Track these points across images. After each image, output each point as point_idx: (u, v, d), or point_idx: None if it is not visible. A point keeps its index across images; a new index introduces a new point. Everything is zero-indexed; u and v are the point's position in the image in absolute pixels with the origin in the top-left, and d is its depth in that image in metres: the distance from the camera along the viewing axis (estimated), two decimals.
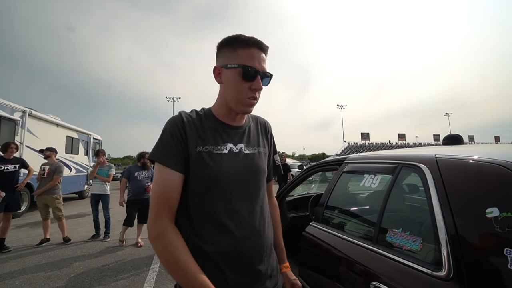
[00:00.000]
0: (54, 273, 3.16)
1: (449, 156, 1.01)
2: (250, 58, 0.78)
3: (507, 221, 0.71)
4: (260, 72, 0.79)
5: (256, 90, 0.79)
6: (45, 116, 8.15)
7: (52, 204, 4.37)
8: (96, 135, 12.01)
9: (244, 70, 0.77)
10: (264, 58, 0.81)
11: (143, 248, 4.12)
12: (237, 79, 0.78)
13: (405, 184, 1.46)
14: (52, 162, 4.55)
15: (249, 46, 0.78)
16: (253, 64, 0.78)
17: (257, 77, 0.78)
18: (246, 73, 0.77)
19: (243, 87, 0.79)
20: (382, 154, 1.44)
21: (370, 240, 1.16)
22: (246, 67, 0.77)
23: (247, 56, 0.78)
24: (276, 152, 1.03)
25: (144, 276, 3.07)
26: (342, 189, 1.69)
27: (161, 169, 0.75)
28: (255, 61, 0.78)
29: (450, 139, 2.94)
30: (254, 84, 0.78)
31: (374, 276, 1.02)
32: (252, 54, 0.78)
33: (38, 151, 4.61)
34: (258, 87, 0.79)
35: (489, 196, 0.80)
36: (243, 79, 0.78)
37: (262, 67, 0.79)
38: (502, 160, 0.82)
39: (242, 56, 0.78)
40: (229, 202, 0.77)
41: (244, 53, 0.78)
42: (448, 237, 0.82)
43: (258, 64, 0.78)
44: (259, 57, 0.79)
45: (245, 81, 0.78)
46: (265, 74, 0.80)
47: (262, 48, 0.80)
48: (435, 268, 0.84)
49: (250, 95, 0.79)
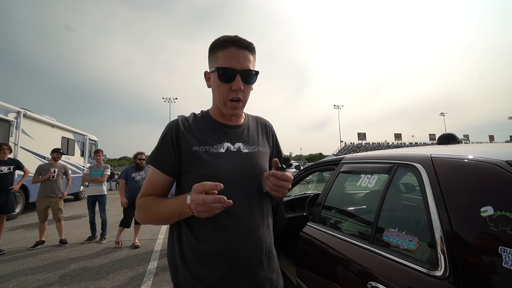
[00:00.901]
0: (49, 275, 3.12)
1: (444, 155, 1.02)
2: (228, 58, 0.76)
3: (501, 219, 0.72)
4: (239, 71, 0.76)
5: (237, 90, 0.77)
6: (40, 117, 8.06)
7: (56, 205, 4.34)
8: (92, 136, 11.91)
9: (219, 72, 0.77)
10: (246, 55, 0.78)
11: (140, 249, 4.09)
12: (217, 82, 0.79)
13: (401, 184, 1.47)
14: (58, 164, 4.55)
15: (226, 46, 0.77)
16: (230, 64, 0.76)
17: (236, 77, 0.76)
18: (223, 75, 0.76)
19: (224, 89, 0.78)
20: (379, 154, 1.45)
21: (367, 239, 1.16)
22: (221, 68, 0.76)
23: (224, 57, 0.77)
24: (281, 151, 1.03)
25: (141, 277, 3.05)
26: (339, 189, 1.69)
27: (151, 170, 0.83)
28: (232, 61, 0.76)
29: (445, 138, 2.97)
30: (233, 84, 0.77)
31: (371, 275, 1.03)
32: (230, 54, 0.76)
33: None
34: (237, 86, 0.76)
35: (484, 195, 0.81)
36: (221, 81, 0.77)
37: (243, 65, 0.76)
38: (497, 160, 0.83)
39: (220, 58, 0.77)
40: None
41: (222, 54, 0.77)
42: (443, 236, 0.83)
43: (236, 63, 0.76)
44: (239, 55, 0.76)
45: (225, 83, 0.77)
46: (245, 72, 0.77)
47: (241, 45, 0.77)
48: (431, 267, 0.85)
49: (231, 96, 0.78)
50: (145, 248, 4.12)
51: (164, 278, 3.01)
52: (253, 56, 0.81)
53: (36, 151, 7.64)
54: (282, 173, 0.77)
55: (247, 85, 0.80)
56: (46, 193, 4.29)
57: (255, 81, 0.82)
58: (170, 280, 0.72)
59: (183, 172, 0.80)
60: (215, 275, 0.74)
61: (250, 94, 0.84)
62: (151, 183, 0.82)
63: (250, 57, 0.79)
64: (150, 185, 0.82)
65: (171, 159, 0.79)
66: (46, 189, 4.30)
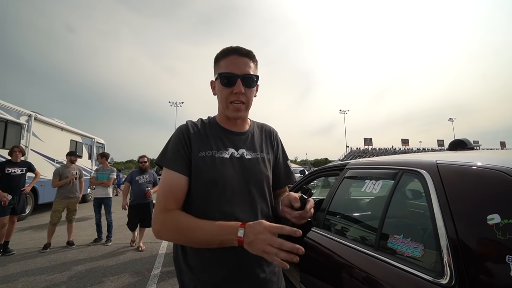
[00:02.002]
0: (56, 276, 3.17)
1: (450, 162, 1.01)
2: (229, 65, 0.82)
3: (509, 228, 0.71)
4: (239, 76, 0.81)
5: (238, 94, 0.82)
6: (50, 120, 8.27)
7: (73, 206, 4.45)
8: (99, 139, 12.11)
9: (221, 77, 0.82)
10: (247, 62, 0.83)
11: (145, 252, 4.12)
12: (220, 87, 0.84)
13: (407, 190, 1.45)
14: (75, 166, 4.67)
15: (228, 54, 0.83)
16: (231, 70, 0.81)
17: (237, 81, 0.81)
18: (225, 79, 0.82)
19: (226, 93, 0.83)
20: (384, 160, 1.44)
21: (371, 246, 1.15)
22: (223, 74, 0.82)
23: (226, 65, 0.83)
24: (287, 158, 1.03)
25: (146, 280, 3.06)
26: (344, 194, 1.68)
27: (167, 172, 0.80)
28: (233, 67, 0.81)
29: (456, 144, 2.91)
30: (235, 88, 0.81)
31: (376, 283, 1.02)
32: (231, 61, 0.82)
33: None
34: (238, 90, 0.81)
35: (491, 203, 0.79)
36: (223, 85, 0.83)
37: (243, 70, 0.82)
38: (504, 167, 0.82)
39: (222, 66, 0.83)
40: (229, 205, 0.79)
41: (224, 62, 0.83)
42: (449, 243, 0.82)
43: (237, 69, 0.81)
44: (239, 62, 0.82)
45: (226, 87, 0.83)
46: (246, 77, 0.82)
47: (241, 53, 0.83)
48: (436, 275, 0.83)
49: (233, 98, 0.83)
50: (150, 252, 4.14)
51: (169, 281, 3.02)
52: (254, 63, 0.86)
53: (46, 153, 7.81)
54: (305, 212, 0.76)
55: (248, 88, 0.83)
56: (66, 194, 4.38)
57: (255, 85, 0.86)
58: (174, 283, 0.74)
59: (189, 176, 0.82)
60: (217, 277, 0.76)
61: (253, 98, 0.88)
62: (170, 188, 0.78)
63: (250, 63, 0.84)
64: (170, 191, 0.78)
65: (186, 160, 0.81)
66: (66, 190, 4.40)
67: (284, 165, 1.01)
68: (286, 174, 1.00)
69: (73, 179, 4.45)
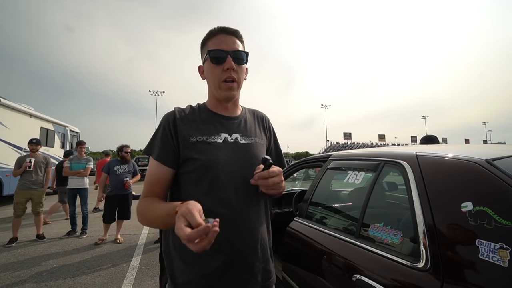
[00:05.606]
0: (24, 271, 2.98)
1: (429, 154, 1.06)
2: (218, 43, 0.80)
3: (480, 214, 0.76)
4: (229, 52, 0.79)
5: (229, 70, 0.79)
6: (16, 105, 7.60)
7: (38, 198, 4.11)
8: (73, 127, 11.42)
9: (211, 54, 0.80)
10: (235, 40, 0.82)
11: (123, 244, 3.99)
12: (210, 66, 0.81)
13: (387, 180, 1.51)
14: (39, 155, 4.27)
15: (215, 34, 0.82)
16: (220, 47, 0.79)
17: (227, 57, 0.79)
18: (215, 56, 0.80)
19: (217, 71, 0.81)
20: (366, 152, 1.48)
21: (352, 234, 1.19)
22: (212, 50, 0.80)
23: (214, 44, 0.81)
24: (278, 143, 1.04)
25: (124, 273, 2.98)
26: (327, 185, 1.72)
27: (152, 162, 0.80)
28: (222, 44, 0.80)
29: (427, 139, 3.13)
30: (225, 64, 0.79)
31: (357, 269, 1.05)
32: (219, 40, 0.81)
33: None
34: (229, 65, 0.79)
35: (465, 191, 0.85)
36: (213, 63, 0.80)
37: (232, 47, 0.80)
38: (477, 158, 0.88)
39: (210, 45, 0.82)
40: (223, 190, 0.77)
41: (211, 42, 0.82)
42: (426, 230, 0.87)
43: (226, 46, 0.80)
44: (227, 40, 0.81)
45: (217, 65, 0.80)
46: (235, 53, 0.80)
47: (228, 32, 0.82)
48: (413, 259, 0.88)
49: (224, 76, 0.80)
50: (128, 243, 4.03)
51: (148, 273, 2.96)
52: (241, 42, 0.85)
53: (12, 141, 7.21)
54: (267, 171, 0.74)
55: (238, 66, 0.82)
56: (27, 185, 4.04)
57: (246, 61, 0.85)
58: (154, 275, 0.70)
59: (180, 163, 0.79)
60: (211, 265, 0.74)
61: (244, 77, 0.86)
62: (152, 178, 0.78)
63: (238, 42, 0.83)
64: (152, 181, 0.78)
65: (171, 150, 0.78)
66: (27, 181, 4.05)
67: (277, 150, 1.01)
68: (278, 159, 1.01)
69: (26, 167, 4.01)
